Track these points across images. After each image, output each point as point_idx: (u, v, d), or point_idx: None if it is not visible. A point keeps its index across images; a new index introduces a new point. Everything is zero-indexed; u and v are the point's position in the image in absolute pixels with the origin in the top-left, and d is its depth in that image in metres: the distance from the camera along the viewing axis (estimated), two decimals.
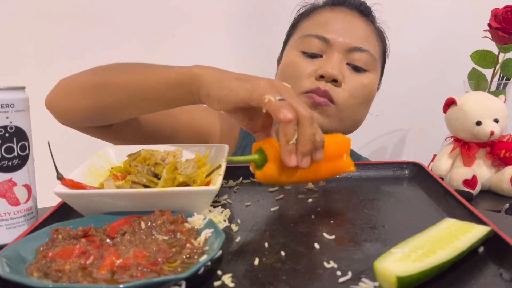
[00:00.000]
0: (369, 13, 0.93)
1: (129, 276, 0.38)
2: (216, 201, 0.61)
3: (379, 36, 0.94)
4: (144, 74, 0.69)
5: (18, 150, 0.52)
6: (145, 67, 0.71)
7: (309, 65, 0.86)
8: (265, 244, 0.47)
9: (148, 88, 0.67)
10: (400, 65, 1.42)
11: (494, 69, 1.14)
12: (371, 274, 0.40)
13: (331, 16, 0.90)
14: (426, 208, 0.58)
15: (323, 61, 0.86)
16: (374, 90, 0.91)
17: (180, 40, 1.43)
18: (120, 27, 1.42)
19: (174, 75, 0.64)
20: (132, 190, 0.50)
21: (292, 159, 0.52)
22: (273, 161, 0.54)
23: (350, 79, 0.86)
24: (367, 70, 0.88)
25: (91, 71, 0.78)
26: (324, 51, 0.87)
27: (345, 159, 0.60)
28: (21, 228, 0.53)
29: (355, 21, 0.90)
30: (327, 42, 0.86)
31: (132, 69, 0.72)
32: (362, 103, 0.88)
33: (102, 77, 0.74)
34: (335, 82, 0.84)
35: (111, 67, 0.76)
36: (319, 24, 0.89)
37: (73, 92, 0.77)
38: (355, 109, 0.88)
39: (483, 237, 0.44)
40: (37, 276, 0.39)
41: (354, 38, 0.87)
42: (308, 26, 0.91)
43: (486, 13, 1.11)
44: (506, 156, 1.02)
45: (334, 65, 0.84)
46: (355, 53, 0.86)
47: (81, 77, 0.78)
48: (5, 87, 0.51)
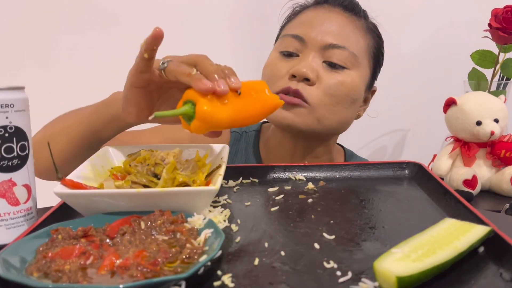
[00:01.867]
0: (353, 8, 0.90)
1: (129, 276, 0.38)
2: (216, 201, 0.60)
3: (366, 32, 0.90)
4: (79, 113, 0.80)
5: (17, 150, 0.52)
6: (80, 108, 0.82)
7: (284, 65, 0.85)
8: (265, 244, 0.47)
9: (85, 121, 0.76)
10: (400, 65, 1.42)
11: (494, 69, 1.14)
12: (371, 274, 0.40)
13: (312, 15, 0.89)
14: (426, 208, 0.58)
15: (298, 60, 0.85)
16: (356, 88, 0.87)
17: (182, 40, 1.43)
18: (121, 27, 1.42)
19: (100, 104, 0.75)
20: (132, 190, 0.50)
21: (205, 81, 0.53)
22: (201, 101, 0.54)
23: (325, 77, 0.83)
24: (346, 67, 0.84)
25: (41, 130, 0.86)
26: (300, 50, 0.86)
27: (268, 93, 0.62)
28: (21, 228, 0.53)
29: (336, 18, 0.87)
30: (302, 40, 0.85)
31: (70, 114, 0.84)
32: (340, 102, 0.85)
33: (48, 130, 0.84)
34: (307, 81, 0.82)
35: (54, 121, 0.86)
36: (299, 24, 0.88)
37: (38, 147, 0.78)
38: (333, 108, 0.85)
39: (483, 237, 0.44)
40: (37, 276, 0.39)
41: (331, 35, 0.84)
42: (289, 27, 0.91)
43: (486, 13, 1.11)
44: (506, 156, 1.02)
45: (306, 64, 0.82)
46: (331, 50, 0.84)
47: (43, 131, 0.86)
48: (5, 87, 0.51)
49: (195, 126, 0.55)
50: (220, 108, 0.55)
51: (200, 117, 0.54)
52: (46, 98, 1.22)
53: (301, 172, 0.71)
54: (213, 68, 0.55)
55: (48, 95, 1.31)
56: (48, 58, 1.43)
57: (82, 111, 0.81)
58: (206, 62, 0.56)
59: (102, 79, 1.40)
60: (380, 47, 0.94)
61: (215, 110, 0.55)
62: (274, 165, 0.71)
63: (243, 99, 0.58)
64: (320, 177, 0.70)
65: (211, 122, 0.55)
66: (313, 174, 0.71)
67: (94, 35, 1.42)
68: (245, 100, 0.58)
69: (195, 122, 0.55)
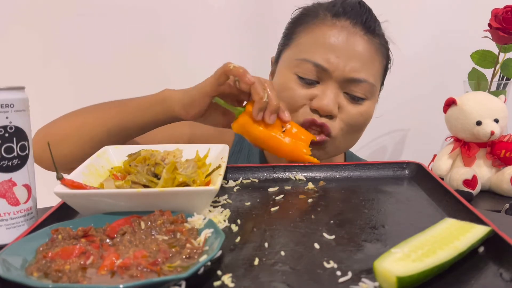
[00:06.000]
0: (374, 29, 0.85)
1: (129, 276, 0.38)
2: (216, 201, 0.60)
3: (382, 52, 0.87)
4: (119, 107, 0.81)
5: (18, 150, 0.52)
6: (118, 102, 0.83)
7: (304, 93, 0.82)
8: (265, 244, 0.47)
9: (126, 117, 0.80)
10: (400, 65, 1.41)
11: (494, 69, 1.14)
12: (371, 274, 0.40)
13: (332, 37, 0.82)
14: (426, 208, 0.58)
15: (319, 90, 0.81)
16: (371, 114, 0.87)
17: (184, 40, 1.43)
18: (122, 27, 1.42)
19: (148, 99, 0.79)
20: (132, 190, 0.50)
21: (259, 114, 0.69)
22: (247, 114, 0.71)
23: (347, 109, 0.82)
24: (366, 98, 0.84)
25: (66, 117, 0.86)
26: (320, 78, 0.82)
27: (305, 150, 0.72)
28: (21, 228, 0.53)
29: (357, 43, 0.82)
30: (325, 70, 0.81)
31: (106, 106, 0.84)
32: (357, 130, 0.86)
33: (79, 120, 0.84)
34: (330, 117, 0.81)
35: (84, 110, 0.86)
36: (318, 46, 0.82)
37: (53, 141, 0.78)
38: (351, 136, 0.86)
39: (483, 237, 0.44)
40: (37, 276, 0.39)
41: (354, 67, 0.81)
42: (306, 44, 0.84)
43: (486, 13, 1.11)
44: (506, 156, 1.02)
45: (330, 100, 0.80)
46: (354, 83, 0.82)
47: (58, 125, 0.85)
48: (5, 87, 0.51)
49: (235, 125, 0.73)
50: (257, 127, 0.71)
51: (239, 121, 0.72)
52: (46, 98, 1.22)
53: (301, 172, 0.71)
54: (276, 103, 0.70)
55: (48, 95, 1.31)
56: (48, 58, 1.43)
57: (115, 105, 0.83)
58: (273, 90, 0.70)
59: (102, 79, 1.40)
60: (389, 59, 0.92)
61: (250, 125, 0.71)
62: (274, 165, 0.71)
63: (283, 134, 0.72)
64: (320, 177, 0.70)
65: (244, 131, 0.72)
66: (313, 174, 0.71)
67: (94, 35, 1.42)
68: (284, 135, 0.72)
69: (235, 122, 0.73)
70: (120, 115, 0.80)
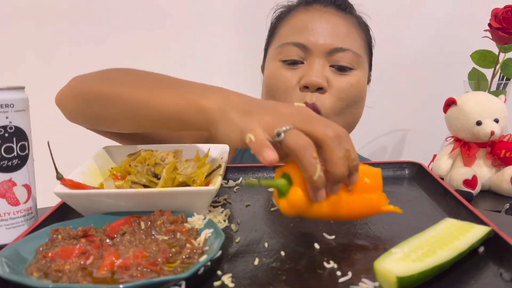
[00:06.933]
0: (345, 6, 0.88)
1: (129, 276, 0.38)
2: (216, 201, 0.60)
3: (360, 27, 0.89)
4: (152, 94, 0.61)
5: (17, 150, 0.52)
6: (155, 83, 0.63)
7: (291, 75, 0.83)
8: (265, 244, 0.47)
9: (154, 112, 0.60)
10: (400, 65, 1.42)
11: (494, 69, 1.15)
12: (371, 274, 0.40)
13: (307, 18, 0.86)
14: (426, 208, 0.58)
15: (305, 69, 0.83)
16: (364, 86, 0.87)
17: (187, 39, 1.43)
18: (121, 27, 1.42)
19: (182, 105, 0.55)
20: (132, 190, 0.50)
21: (318, 195, 0.44)
22: (299, 185, 0.45)
23: (335, 81, 0.83)
24: (353, 68, 0.84)
25: (101, 75, 0.72)
26: (304, 58, 0.83)
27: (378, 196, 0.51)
28: (21, 228, 0.53)
29: (332, 19, 0.85)
30: (305, 48, 0.83)
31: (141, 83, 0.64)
32: (351, 104, 0.85)
33: (110, 87, 0.66)
34: (321, 90, 0.82)
35: (120, 75, 0.69)
36: (296, 29, 0.86)
37: (80, 97, 0.70)
38: (345, 111, 0.85)
39: (483, 237, 0.44)
40: (37, 276, 0.39)
41: (334, 38, 0.83)
42: (284, 33, 0.88)
43: (486, 13, 1.11)
44: (506, 156, 1.02)
45: (316, 72, 0.81)
46: (336, 54, 0.83)
47: (90, 81, 0.72)
48: (5, 87, 0.51)
49: (283, 205, 0.46)
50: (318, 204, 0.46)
51: (290, 203, 0.45)
52: (46, 98, 1.22)
53: None
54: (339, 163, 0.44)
55: (48, 95, 1.31)
56: (48, 58, 1.43)
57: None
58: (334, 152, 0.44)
59: None
60: (370, 37, 0.93)
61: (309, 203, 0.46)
62: (274, 165, 0.71)
63: (351, 195, 0.48)
64: None
65: (300, 212, 0.46)
66: None
67: (95, 35, 1.42)
68: (352, 198, 0.48)
69: (284, 202, 0.46)
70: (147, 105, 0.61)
